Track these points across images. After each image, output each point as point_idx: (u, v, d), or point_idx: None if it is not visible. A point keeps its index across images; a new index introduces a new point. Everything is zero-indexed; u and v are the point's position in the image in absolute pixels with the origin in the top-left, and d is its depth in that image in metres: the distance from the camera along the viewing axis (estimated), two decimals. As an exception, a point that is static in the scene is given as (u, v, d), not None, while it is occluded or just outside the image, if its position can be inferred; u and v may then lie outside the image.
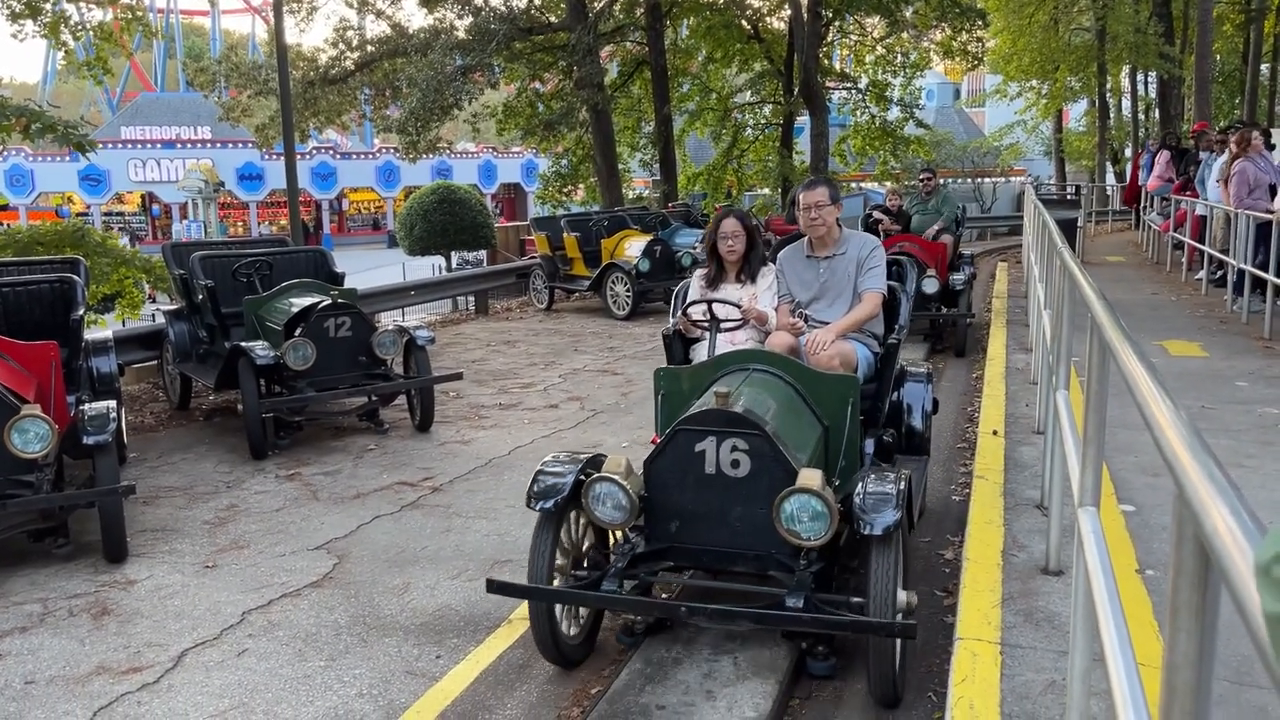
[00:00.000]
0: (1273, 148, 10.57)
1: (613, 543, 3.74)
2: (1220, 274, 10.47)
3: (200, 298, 7.57)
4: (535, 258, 14.39)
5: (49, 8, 12.04)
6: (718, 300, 4.39)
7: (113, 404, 5.00)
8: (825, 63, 23.60)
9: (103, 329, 8.07)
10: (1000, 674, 2.84)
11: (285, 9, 14.76)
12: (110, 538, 4.71)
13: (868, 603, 3.07)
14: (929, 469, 4.97)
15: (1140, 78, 28.07)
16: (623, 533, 3.61)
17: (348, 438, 7.04)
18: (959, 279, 9.54)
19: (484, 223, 19.28)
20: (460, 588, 4.35)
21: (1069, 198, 26.90)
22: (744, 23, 22.40)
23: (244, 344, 6.57)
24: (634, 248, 12.72)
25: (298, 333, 6.65)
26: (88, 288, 6.95)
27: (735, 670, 3.41)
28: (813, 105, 20.33)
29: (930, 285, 9.05)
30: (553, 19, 19.91)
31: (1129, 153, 28.05)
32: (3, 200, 39.51)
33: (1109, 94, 28.67)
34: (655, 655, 3.54)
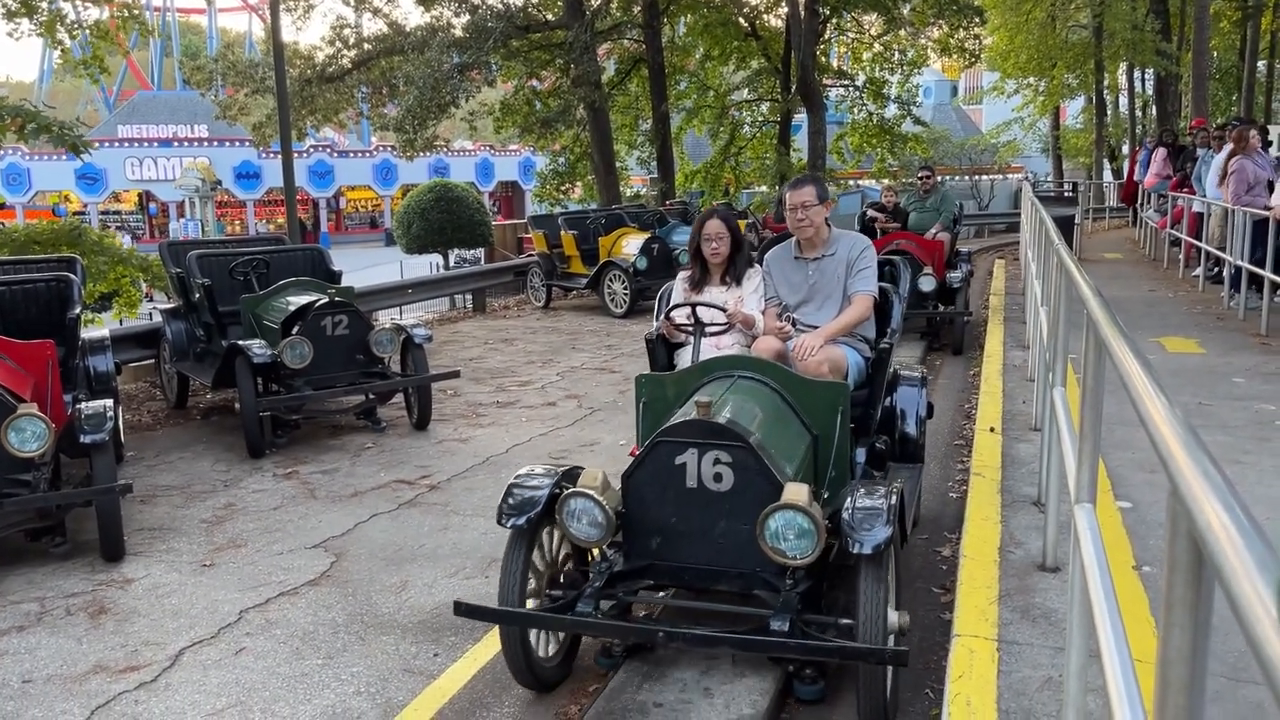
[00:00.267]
0: (1270, 145, 10.58)
1: (591, 559, 3.55)
2: (1217, 270, 10.48)
3: (197, 296, 7.56)
4: (533, 256, 14.36)
5: (45, 6, 12.01)
6: (702, 303, 4.24)
7: (110, 403, 5.00)
8: (823, 60, 23.62)
9: (100, 328, 8.06)
10: (997, 670, 2.84)
11: (282, 7, 14.74)
12: (107, 536, 4.71)
13: (856, 626, 2.93)
14: (924, 476, 4.77)
15: (1137, 74, 28.10)
16: (600, 550, 3.43)
17: (345, 436, 7.03)
18: (956, 276, 9.51)
19: (481, 221, 19.24)
20: (458, 586, 4.35)
21: (1066, 195, 26.86)
22: (741, 20, 22.42)
23: (241, 342, 6.56)
24: (631, 246, 12.70)
25: (295, 331, 6.64)
26: (84, 286, 6.94)
27: (733, 668, 3.41)
28: (810, 102, 20.35)
29: (927, 283, 9.03)
30: (550, 16, 19.90)
31: (1126, 150, 28.08)
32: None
33: (1106, 91, 28.69)
34: (653, 653, 3.53)
